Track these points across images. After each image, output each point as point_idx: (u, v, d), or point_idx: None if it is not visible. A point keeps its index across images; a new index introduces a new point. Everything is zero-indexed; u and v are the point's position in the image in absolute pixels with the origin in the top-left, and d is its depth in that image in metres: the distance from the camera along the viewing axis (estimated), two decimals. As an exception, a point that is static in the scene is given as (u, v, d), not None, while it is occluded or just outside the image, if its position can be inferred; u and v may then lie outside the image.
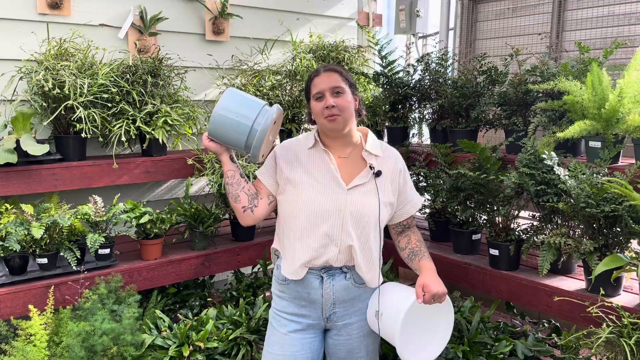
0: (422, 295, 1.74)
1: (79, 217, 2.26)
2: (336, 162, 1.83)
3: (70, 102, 2.26)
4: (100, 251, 2.31)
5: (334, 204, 1.78)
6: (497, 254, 2.46)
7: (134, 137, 2.46)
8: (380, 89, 3.16)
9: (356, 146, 1.88)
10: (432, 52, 3.11)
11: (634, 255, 2.06)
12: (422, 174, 2.88)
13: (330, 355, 1.95)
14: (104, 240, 2.24)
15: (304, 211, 1.79)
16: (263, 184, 1.91)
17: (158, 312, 2.36)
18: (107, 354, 2.04)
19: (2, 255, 2.11)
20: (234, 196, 1.86)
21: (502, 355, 2.19)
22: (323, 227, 1.79)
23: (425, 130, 3.18)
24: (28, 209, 2.18)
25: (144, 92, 2.51)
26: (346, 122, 1.80)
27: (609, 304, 2.00)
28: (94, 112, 2.33)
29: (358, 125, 1.94)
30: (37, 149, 2.17)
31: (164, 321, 2.32)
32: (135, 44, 2.74)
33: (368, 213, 1.80)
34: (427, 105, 3.03)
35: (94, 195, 2.34)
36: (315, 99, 1.81)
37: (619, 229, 2.13)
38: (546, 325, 2.50)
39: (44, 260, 2.18)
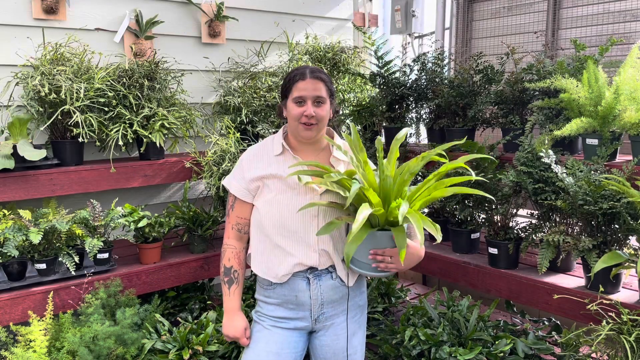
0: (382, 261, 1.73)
1: (77, 222, 2.26)
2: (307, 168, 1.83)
3: (66, 106, 2.25)
4: (99, 256, 2.30)
5: (308, 210, 1.78)
6: (496, 253, 2.46)
7: (131, 140, 2.45)
8: (377, 90, 3.17)
9: (323, 150, 1.89)
10: (428, 52, 3.11)
11: (632, 251, 2.07)
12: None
13: (316, 356, 1.94)
14: (102, 244, 2.24)
15: (279, 220, 1.79)
16: (247, 203, 1.89)
17: (158, 315, 2.35)
18: (111, 356, 2.04)
19: (0, 261, 2.11)
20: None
21: (502, 354, 2.19)
22: (299, 234, 1.79)
23: (423, 130, 3.18)
24: (26, 214, 2.17)
25: (140, 96, 2.50)
26: (319, 131, 1.82)
27: (609, 301, 2.00)
28: (91, 116, 2.32)
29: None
30: (34, 154, 2.17)
31: (163, 325, 2.32)
32: (131, 48, 2.74)
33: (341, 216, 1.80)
34: (424, 105, 3.04)
35: (92, 200, 2.34)
36: (295, 102, 1.79)
37: (617, 226, 2.13)
38: (546, 323, 2.50)
39: (43, 266, 2.18)
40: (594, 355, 2.02)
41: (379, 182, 1.72)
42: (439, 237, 1.56)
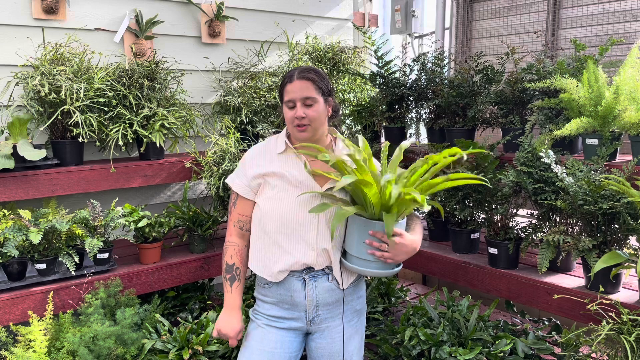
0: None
1: (77, 222, 2.26)
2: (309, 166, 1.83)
3: (66, 106, 2.25)
4: (99, 256, 2.30)
5: (309, 208, 1.78)
6: (496, 253, 2.46)
7: (131, 140, 2.45)
8: (377, 90, 3.17)
9: (326, 148, 1.88)
10: (428, 52, 3.11)
11: (632, 251, 2.07)
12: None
13: (312, 358, 1.94)
14: (102, 244, 2.24)
15: (280, 217, 1.80)
16: (249, 200, 1.90)
17: (158, 315, 2.35)
18: (111, 356, 2.05)
19: (0, 261, 2.11)
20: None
21: (502, 354, 2.19)
22: (299, 232, 1.79)
23: (423, 130, 3.18)
24: (26, 214, 2.17)
25: (140, 96, 2.50)
26: (315, 131, 1.81)
27: (609, 301, 2.00)
28: (91, 116, 2.32)
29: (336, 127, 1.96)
30: (34, 154, 2.17)
31: (163, 325, 2.32)
32: (131, 48, 2.74)
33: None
34: (424, 105, 3.04)
35: (92, 200, 2.34)
36: (287, 105, 1.80)
37: (617, 226, 2.13)
38: (546, 323, 2.50)
39: (43, 266, 2.18)
40: (594, 355, 2.02)
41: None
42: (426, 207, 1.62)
